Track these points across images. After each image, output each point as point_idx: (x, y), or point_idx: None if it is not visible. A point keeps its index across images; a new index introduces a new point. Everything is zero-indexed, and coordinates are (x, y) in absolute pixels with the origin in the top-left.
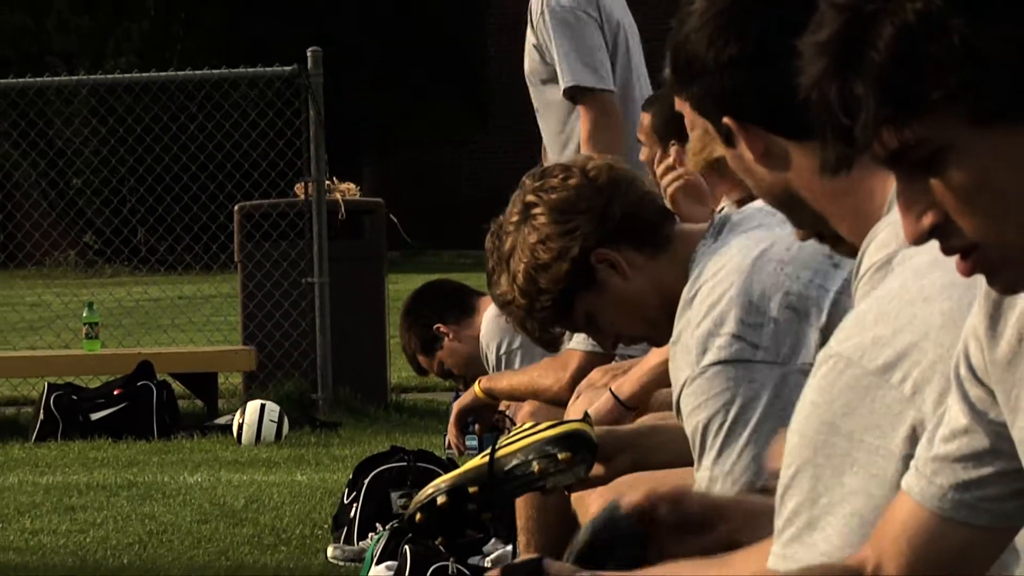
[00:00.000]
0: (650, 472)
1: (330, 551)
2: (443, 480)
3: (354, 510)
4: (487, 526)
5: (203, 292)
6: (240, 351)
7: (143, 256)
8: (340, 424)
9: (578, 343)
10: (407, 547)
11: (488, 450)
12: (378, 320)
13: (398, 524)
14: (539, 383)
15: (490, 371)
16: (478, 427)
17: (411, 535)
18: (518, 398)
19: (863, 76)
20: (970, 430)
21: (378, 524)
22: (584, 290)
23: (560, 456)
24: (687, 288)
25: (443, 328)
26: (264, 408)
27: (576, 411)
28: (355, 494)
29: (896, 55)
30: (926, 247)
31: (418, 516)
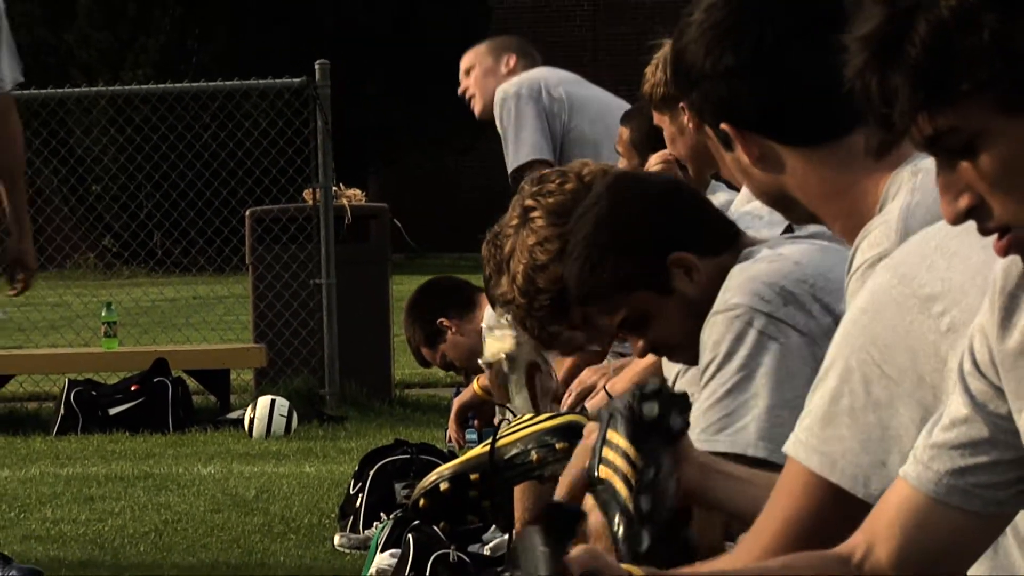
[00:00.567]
0: None
1: (337, 539)
2: (446, 467)
3: (360, 500)
4: (487, 513)
5: (216, 293)
6: (251, 349)
7: (159, 258)
8: (346, 418)
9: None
10: (410, 536)
11: (489, 440)
12: (383, 319)
13: (401, 514)
14: None
15: None
16: (477, 422)
17: (414, 523)
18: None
19: (900, 68)
20: (969, 419)
21: (382, 513)
22: None
23: (557, 446)
24: None
25: (446, 322)
26: (274, 403)
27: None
28: (361, 485)
29: (930, 48)
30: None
31: (422, 502)
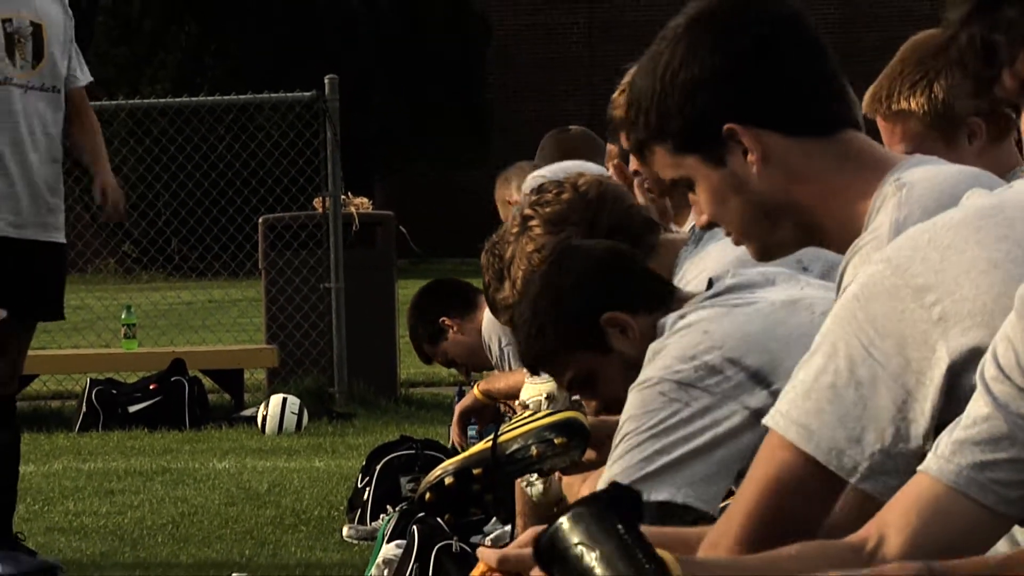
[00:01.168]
0: None
1: (345, 531)
2: (450, 463)
3: (367, 493)
4: (489, 505)
5: (231, 296)
6: (264, 349)
7: (176, 263)
8: (354, 415)
9: None
10: (415, 527)
11: (491, 436)
12: (389, 321)
13: (407, 506)
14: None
15: (493, 361)
16: (479, 426)
17: (419, 515)
18: (515, 397)
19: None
20: (991, 417)
21: (388, 506)
22: None
23: (556, 441)
24: None
25: (448, 321)
26: (286, 401)
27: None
28: (368, 479)
29: None
30: None
31: (427, 495)
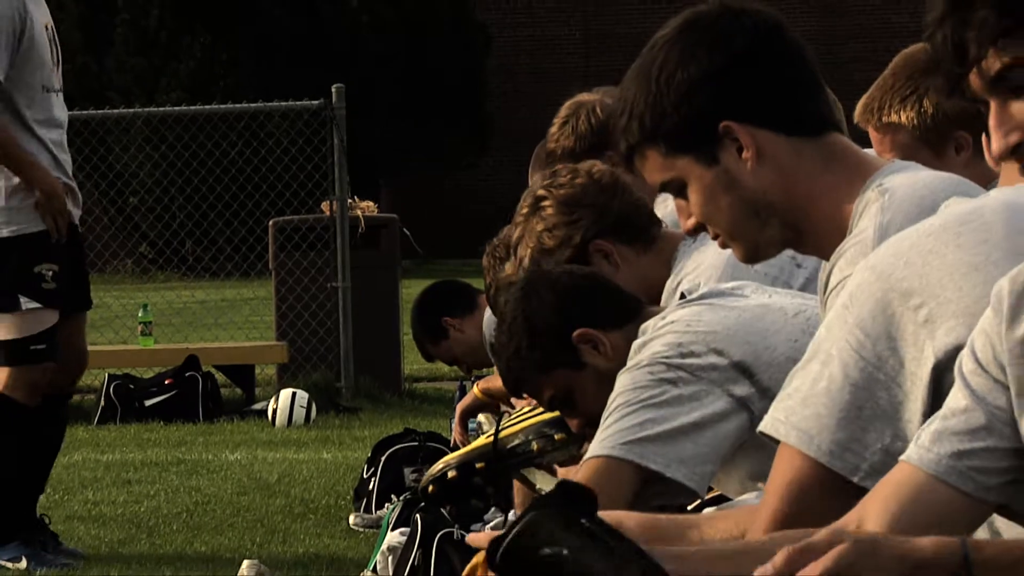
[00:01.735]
0: None
1: (352, 519)
2: (453, 457)
3: (372, 483)
4: (490, 497)
5: (242, 295)
6: (274, 346)
7: (190, 264)
8: (360, 409)
9: None
10: (418, 516)
11: (492, 431)
12: (393, 319)
13: (411, 496)
14: None
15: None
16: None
17: (423, 504)
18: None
19: (985, 2)
20: (969, 409)
21: (393, 496)
22: None
23: (556, 436)
24: (670, 280)
25: (450, 320)
26: (295, 395)
27: None
28: (373, 469)
29: None
30: None
31: (431, 488)
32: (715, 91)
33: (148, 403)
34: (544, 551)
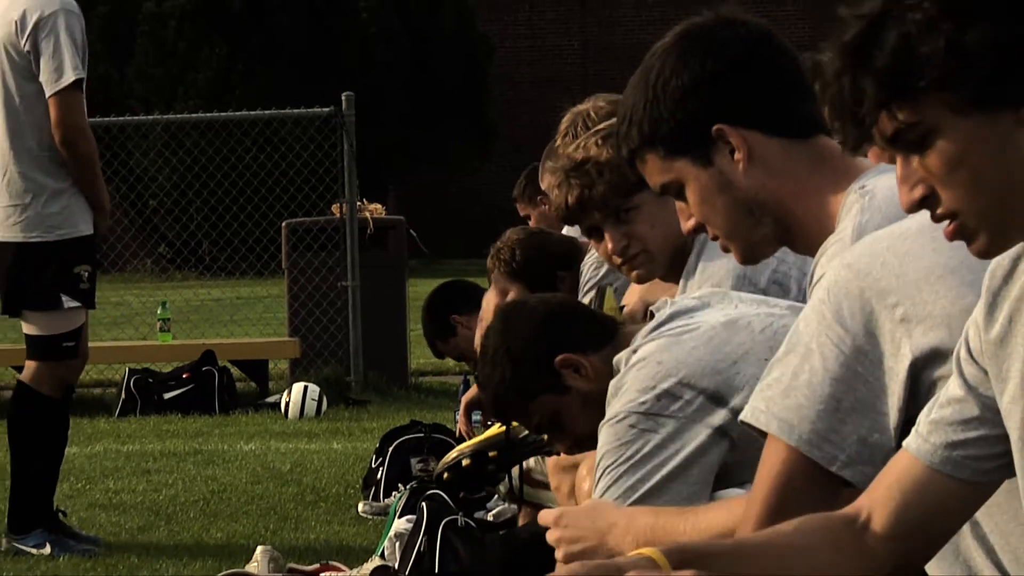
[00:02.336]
0: None
1: (361, 506)
2: (467, 446)
3: (380, 473)
4: (501, 484)
5: (256, 294)
6: (287, 342)
7: (207, 264)
8: (369, 402)
9: None
10: (424, 503)
11: (503, 422)
12: (400, 316)
13: (417, 485)
14: None
15: None
16: (483, 416)
17: (427, 492)
18: None
19: (869, 70)
20: (963, 400)
21: (400, 484)
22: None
23: None
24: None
25: (457, 318)
26: (307, 389)
27: None
28: (381, 459)
29: (895, 52)
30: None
31: (446, 475)
32: (708, 96)
33: (167, 396)
34: None
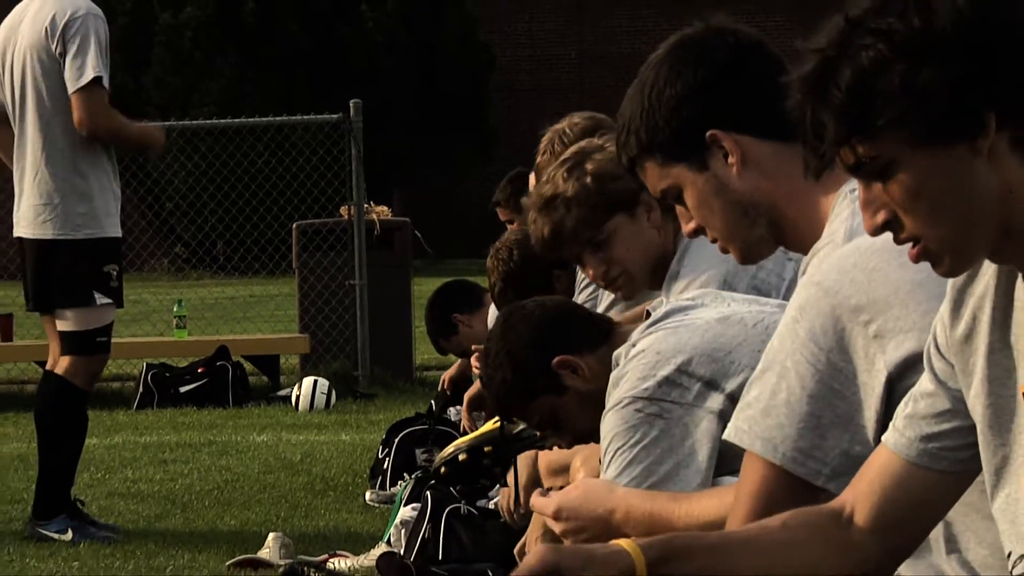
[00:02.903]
0: None
1: (368, 495)
2: (463, 441)
3: (387, 463)
4: (496, 476)
5: (268, 292)
6: (297, 338)
7: (221, 263)
8: (376, 395)
9: None
10: (428, 492)
11: (499, 418)
12: (406, 314)
13: (422, 474)
14: None
15: None
16: (485, 412)
17: (434, 483)
18: None
19: (827, 106)
20: (934, 394)
21: (405, 474)
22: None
23: None
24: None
25: (459, 317)
26: (316, 383)
27: None
28: (387, 450)
29: (852, 91)
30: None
31: (443, 469)
32: (701, 103)
33: (182, 390)
34: None
